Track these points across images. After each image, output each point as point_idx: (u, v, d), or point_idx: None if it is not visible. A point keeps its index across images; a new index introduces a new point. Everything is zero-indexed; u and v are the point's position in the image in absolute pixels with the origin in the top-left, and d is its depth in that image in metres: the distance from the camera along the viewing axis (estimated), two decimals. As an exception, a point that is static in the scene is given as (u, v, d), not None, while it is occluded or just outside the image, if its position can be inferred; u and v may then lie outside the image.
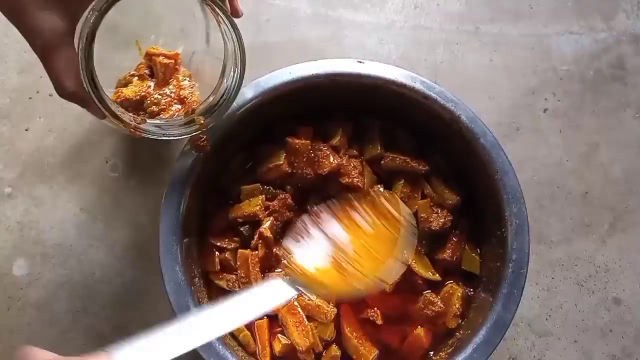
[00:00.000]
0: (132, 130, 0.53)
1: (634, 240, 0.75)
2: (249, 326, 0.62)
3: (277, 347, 0.61)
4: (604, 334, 0.71)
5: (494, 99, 0.81)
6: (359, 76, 0.63)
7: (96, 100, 0.48)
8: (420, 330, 0.62)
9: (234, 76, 0.56)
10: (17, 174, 0.76)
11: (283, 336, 0.61)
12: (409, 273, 0.63)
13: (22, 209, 0.74)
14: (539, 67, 0.83)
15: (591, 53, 0.84)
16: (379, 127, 0.69)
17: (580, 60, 0.84)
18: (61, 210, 0.74)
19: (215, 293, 0.64)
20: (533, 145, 0.79)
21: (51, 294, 0.71)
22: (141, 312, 0.70)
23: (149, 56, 0.62)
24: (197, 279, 0.62)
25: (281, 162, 0.65)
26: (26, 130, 0.78)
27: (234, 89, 0.56)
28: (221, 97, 0.57)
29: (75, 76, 0.47)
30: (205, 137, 0.60)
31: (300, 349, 0.59)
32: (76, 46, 0.47)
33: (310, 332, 0.60)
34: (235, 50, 0.54)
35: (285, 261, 0.56)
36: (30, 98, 0.79)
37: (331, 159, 0.65)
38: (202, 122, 0.57)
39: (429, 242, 0.65)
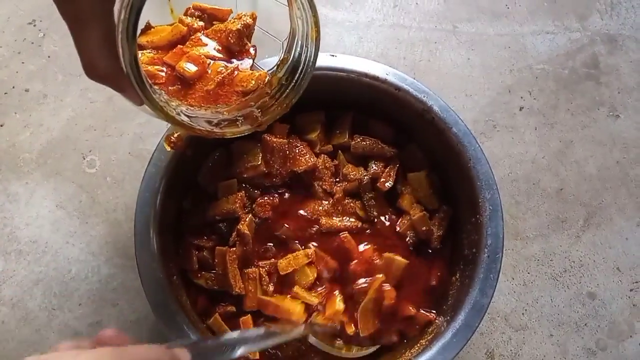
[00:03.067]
0: (178, 124, 0.45)
1: (608, 236, 0.76)
2: (232, 325, 0.61)
3: None
4: (579, 328, 0.72)
5: (471, 97, 0.82)
6: (331, 69, 0.64)
7: (137, 87, 0.40)
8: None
9: (303, 57, 0.50)
10: (-9, 170, 0.75)
11: (269, 324, 0.61)
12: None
13: (-4, 206, 0.73)
14: (515, 65, 0.84)
15: (566, 52, 0.86)
16: (351, 118, 0.69)
17: (556, 60, 0.85)
18: (37, 207, 0.73)
19: (194, 291, 0.63)
20: (509, 142, 0.80)
21: (26, 291, 0.70)
22: (118, 310, 0.70)
23: (199, 10, 0.54)
24: (175, 277, 0.61)
25: (258, 163, 0.65)
26: (1, 125, 0.77)
27: (303, 74, 0.50)
28: (287, 81, 0.51)
29: (112, 54, 0.39)
30: (178, 134, 0.60)
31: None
32: (116, 16, 0.38)
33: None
34: (308, 22, 0.47)
35: None
36: (5, 93, 0.78)
37: (307, 157, 0.65)
38: (259, 118, 0.50)
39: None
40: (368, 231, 0.66)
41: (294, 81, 0.51)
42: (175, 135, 0.60)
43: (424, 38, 0.86)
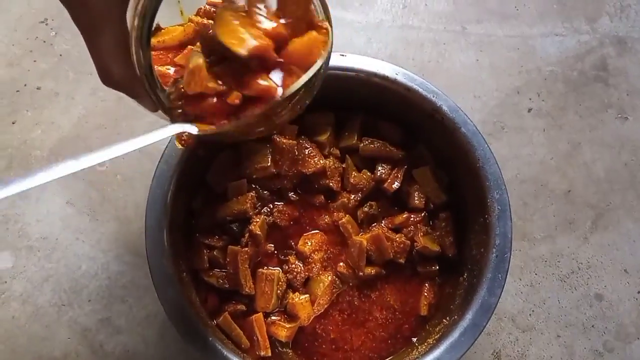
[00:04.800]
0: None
1: (615, 238, 0.76)
2: (241, 324, 0.62)
3: (283, 333, 0.61)
4: (586, 329, 0.72)
5: (479, 98, 0.82)
6: (341, 69, 0.64)
7: (151, 93, 0.40)
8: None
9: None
10: (3, 167, 0.75)
11: (283, 323, 0.62)
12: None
13: (8, 202, 0.74)
14: (524, 67, 0.84)
15: (575, 54, 0.86)
16: (360, 120, 0.69)
17: (565, 61, 0.85)
18: (47, 204, 0.74)
19: (205, 290, 0.64)
20: (517, 143, 0.80)
21: (36, 287, 0.70)
22: (127, 306, 0.70)
23: (213, 5, 0.52)
24: (185, 274, 0.62)
25: (268, 164, 0.65)
26: (13, 123, 0.78)
27: (319, 73, 0.48)
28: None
29: (126, 60, 0.39)
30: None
31: None
32: (129, 23, 0.38)
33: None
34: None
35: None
36: (17, 91, 0.79)
37: (317, 159, 0.66)
38: (274, 120, 0.49)
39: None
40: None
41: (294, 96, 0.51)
42: (187, 133, 0.60)
43: (432, 39, 0.86)
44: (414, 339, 0.63)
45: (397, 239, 0.65)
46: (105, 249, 0.72)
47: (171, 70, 0.52)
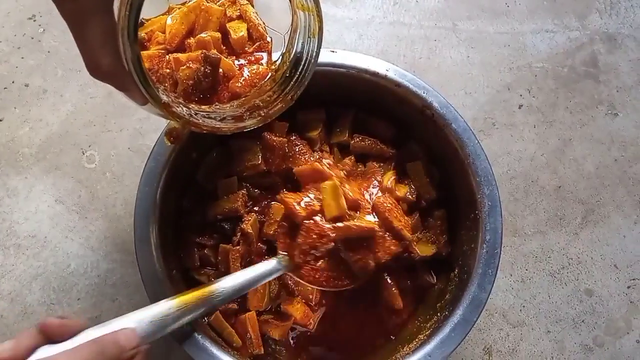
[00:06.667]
0: (183, 123, 0.45)
1: (606, 233, 0.76)
2: (232, 323, 0.62)
3: (276, 332, 0.61)
4: (576, 324, 0.72)
5: (470, 95, 0.82)
6: (332, 65, 0.64)
7: (140, 85, 0.40)
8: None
9: (306, 49, 0.50)
10: (-10, 165, 0.75)
11: (276, 322, 0.62)
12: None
13: (-4, 200, 0.73)
14: (514, 64, 0.85)
15: (565, 51, 0.86)
16: (352, 116, 0.69)
17: (555, 58, 0.85)
18: (36, 202, 0.73)
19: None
20: (508, 140, 0.80)
21: (25, 285, 0.70)
22: (116, 304, 0.70)
23: None
24: (174, 271, 0.61)
25: (258, 162, 0.65)
26: (1, 120, 0.77)
27: (307, 66, 0.50)
28: (291, 74, 0.51)
29: (114, 52, 0.38)
30: (178, 128, 0.60)
31: None
32: (116, 14, 0.38)
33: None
34: (309, 14, 0.47)
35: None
36: (5, 88, 0.78)
37: (307, 156, 0.65)
38: (263, 114, 0.50)
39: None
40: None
41: (298, 74, 0.52)
42: (174, 129, 0.60)
43: (423, 36, 0.86)
44: (407, 336, 0.63)
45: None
46: (94, 247, 0.72)
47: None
